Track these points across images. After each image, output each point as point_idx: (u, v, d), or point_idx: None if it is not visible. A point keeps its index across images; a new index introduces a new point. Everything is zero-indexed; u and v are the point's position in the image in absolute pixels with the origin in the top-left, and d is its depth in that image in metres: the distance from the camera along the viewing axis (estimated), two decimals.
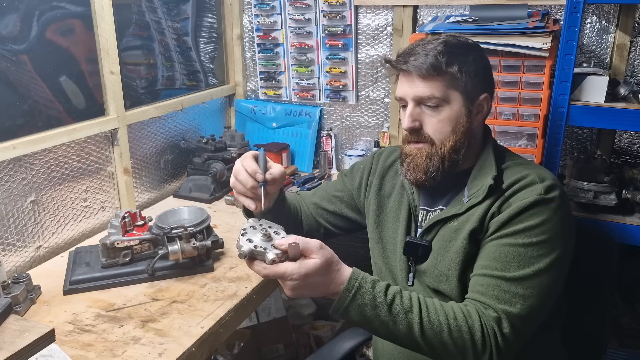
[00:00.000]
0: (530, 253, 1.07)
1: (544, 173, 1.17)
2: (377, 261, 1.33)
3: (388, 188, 1.35)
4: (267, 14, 2.30)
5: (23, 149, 1.52)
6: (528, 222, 1.08)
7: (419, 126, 1.16)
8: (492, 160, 1.19)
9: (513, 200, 1.11)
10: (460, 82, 1.14)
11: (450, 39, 1.17)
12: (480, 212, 1.13)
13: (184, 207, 1.61)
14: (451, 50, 1.14)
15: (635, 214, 1.59)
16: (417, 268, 1.22)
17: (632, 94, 1.57)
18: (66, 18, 1.66)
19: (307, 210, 1.46)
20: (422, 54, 1.13)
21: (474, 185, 1.18)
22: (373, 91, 2.24)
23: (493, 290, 1.05)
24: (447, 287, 1.16)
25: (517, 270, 1.06)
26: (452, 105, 1.14)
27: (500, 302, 1.04)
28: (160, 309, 1.31)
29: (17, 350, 1.01)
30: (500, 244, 1.09)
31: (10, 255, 1.53)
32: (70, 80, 1.69)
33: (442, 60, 1.12)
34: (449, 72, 1.12)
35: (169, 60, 2.12)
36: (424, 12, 2.06)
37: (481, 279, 1.08)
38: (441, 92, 1.13)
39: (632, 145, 1.89)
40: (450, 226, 1.18)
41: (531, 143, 1.65)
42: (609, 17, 1.82)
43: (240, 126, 2.47)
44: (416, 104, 1.16)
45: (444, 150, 1.16)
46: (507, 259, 1.07)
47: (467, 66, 1.14)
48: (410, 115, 1.16)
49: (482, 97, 1.17)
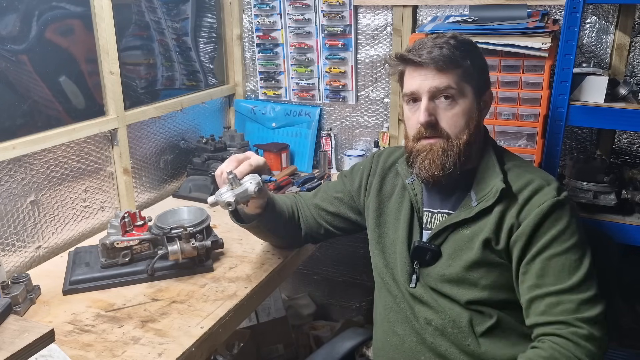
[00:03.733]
0: (572, 257, 1.09)
1: (545, 175, 1.19)
2: (377, 262, 1.33)
3: (388, 189, 1.35)
4: (266, 14, 2.30)
5: (23, 149, 1.52)
6: (556, 227, 1.09)
7: (435, 120, 1.15)
8: (494, 161, 1.19)
9: (529, 208, 1.11)
10: (473, 76, 1.15)
11: (457, 35, 1.19)
12: (493, 220, 1.13)
13: (184, 207, 1.61)
14: (462, 45, 1.16)
15: (635, 214, 1.59)
16: (421, 271, 1.22)
17: (631, 94, 1.57)
18: (66, 18, 1.66)
19: (307, 211, 1.47)
20: (437, 47, 1.13)
21: (480, 188, 1.17)
22: (373, 91, 2.24)
23: (557, 306, 1.07)
24: (452, 290, 1.17)
25: (570, 279, 1.07)
26: (466, 99, 1.15)
27: (570, 313, 1.05)
28: (160, 309, 1.31)
29: (17, 351, 1.01)
30: (542, 259, 1.09)
31: (9, 255, 1.53)
32: (69, 80, 1.69)
33: (457, 54, 1.13)
34: (463, 65, 1.14)
35: (168, 61, 2.12)
36: (423, 12, 2.06)
37: (541, 301, 1.08)
38: (457, 84, 1.14)
39: (631, 145, 1.89)
40: (462, 234, 1.17)
41: (531, 143, 1.65)
42: (609, 17, 1.83)
43: (240, 126, 2.47)
44: (430, 98, 1.15)
45: (460, 144, 1.15)
46: (555, 271, 1.08)
47: (476, 61, 1.17)
48: (426, 109, 1.14)
49: (487, 92, 1.21)
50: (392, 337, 1.26)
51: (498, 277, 1.15)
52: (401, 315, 1.24)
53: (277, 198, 1.46)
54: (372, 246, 1.35)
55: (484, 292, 1.15)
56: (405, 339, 1.23)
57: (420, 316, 1.20)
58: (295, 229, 1.47)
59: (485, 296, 1.15)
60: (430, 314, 1.19)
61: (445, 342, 1.18)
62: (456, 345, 1.17)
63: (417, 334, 1.21)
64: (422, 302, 1.21)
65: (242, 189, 1.22)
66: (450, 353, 1.17)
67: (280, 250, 1.58)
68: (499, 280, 1.15)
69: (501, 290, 1.16)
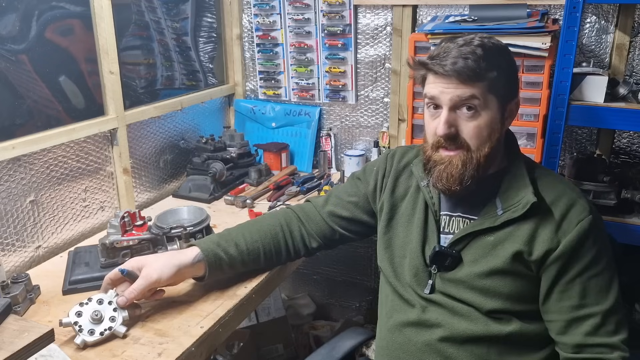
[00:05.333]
0: (607, 275, 1.11)
1: (572, 185, 1.19)
2: (384, 263, 1.30)
3: (401, 190, 1.31)
4: (266, 13, 2.30)
5: (22, 148, 1.51)
6: (596, 248, 1.10)
7: (455, 132, 1.12)
8: (524, 171, 1.17)
9: (568, 224, 1.11)
10: (499, 87, 1.11)
11: (486, 42, 1.12)
12: (526, 233, 1.12)
13: (184, 207, 1.62)
14: (490, 54, 1.10)
15: (635, 214, 1.59)
16: (438, 276, 1.20)
17: (631, 93, 1.57)
18: (65, 18, 1.66)
19: (320, 221, 1.41)
20: (462, 58, 1.08)
21: (508, 197, 1.15)
22: (372, 91, 2.24)
23: (601, 328, 1.09)
24: (473, 298, 1.16)
25: (608, 298, 1.10)
26: (490, 110, 1.11)
27: (612, 335, 1.09)
28: (160, 308, 1.31)
29: (17, 350, 1.01)
30: (583, 280, 1.10)
31: (9, 255, 1.53)
32: (69, 80, 1.69)
33: (483, 66, 1.08)
34: (488, 77, 1.09)
35: (168, 60, 2.12)
36: (423, 12, 2.06)
37: (585, 321, 1.10)
38: (481, 95, 1.09)
39: (631, 145, 1.89)
40: (486, 240, 1.15)
41: (530, 143, 1.65)
42: (609, 16, 1.83)
43: (240, 126, 2.47)
44: (452, 108, 1.11)
45: (480, 157, 1.12)
46: (595, 291, 1.10)
47: (503, 71, 1.12)
48: (446, 122, 1.10)
49: (513, 101, 1.16)
50: (398, 337, 1.23)
51: (521, 287, 1.14)
52: (410, 316, 1.22)
53: (243, 240, 1.36)
54: (381, 247, 1.32)
55: (507, 302, 1.14)
56: (412, 339, 1.21)
57: (432, 319, 1.18)
58: (281, 254, 1.41)
59: (507, 306, 1.14)
60: (443, 318, 1.18)
61: (454, 345, 1.16)
62: (465, 349, 1.16)
63: (426, 335, 1.19)
64: (437, 307, 1.19)
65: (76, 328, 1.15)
66: (457, 356, 1.16)
67: None
68: (522, 290, 1.14)
69: (522, 300, 1.15)
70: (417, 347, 1.20)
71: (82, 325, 1.14)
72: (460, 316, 1.16)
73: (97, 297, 1.18)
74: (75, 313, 1.15)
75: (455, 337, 1.16)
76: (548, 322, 1.15)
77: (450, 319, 1.17)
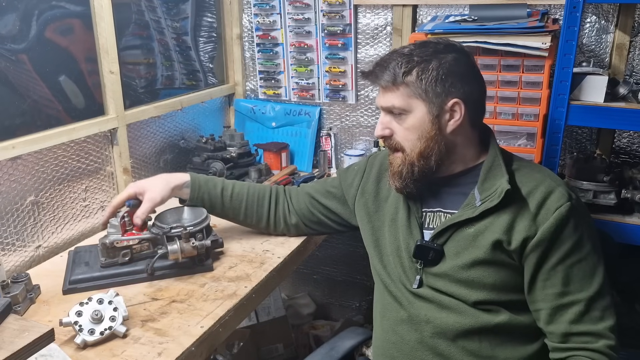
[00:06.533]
0: (591, 261, 1.11)
1: (553, 175, 1.19)
2: (375, 264, 1.33)
3: (385, 192, 1.35)
4: (266, 13, 2.30)
5: (22, 148, 1.51)
6: (577, 232, 1.10)
7: (389, 134, 1.21)
8: (500, 161, 1.19)
9: (545, 212, 1.11)
10: (420, 90, 1.14)
11: (419, 44, 1.19)
12: (504, 222, 1.13)
13: (184, 207, 1.61)
14: (412, 58, 1.14)
15: (635, 214, 1.59)
16: (425, 271, 1.22)
17: (631, 93, 1.57)
18: (65, 17, 1.66)
19: (301, 199, 1.54)
20: (383, 66, 1.16)
21: (485, 188, 1.17)
22: (372, 91, 2.24)
23: (585, 314, 1.10)
24: (459, 290, 1.17)
25: (592, 284, 1.10)
26: (415, 113, 1.16)
27: (598, 321, 1.09)
28: (160, 308, 1.31)
29: (17, 350, 1.01)
30: (566, 266, 1.11)
31: (9, 254, 1.53)
32: (69, 79, 1.69)
33: (399, 72, 1.14)
34: (406, 81, 1.14)
35: (168, 60, 2.12)
36: (423, 12, 2.06)
37: (569, 309, 1.11)
38: (401, 102, 1.16)
39: (631, 144, 1.89)
40: (466, 232, 1.17)
41: (530, 142, 1.65)
42: (609, 16, 1.83)
43: (240, 126, 2.47)
44: (386, 112, 1.20)
45: (413, 157, 1.18)
46: (579, 278, 1.10)
47: (428, 73, 1.13)
48: (380, 123, 1.22)
49: (450, 102, 1.15)
50: (391, 336, 1.26)
51: (505, 277, 1.15)
52: (401, 314, 1.24)
53: (237, 185, 1.57)
54: (370, 249, 1.35)
55: (492, 292, 1.15)
56: (405, 338, 1.23)
57: (421, 315, 1.20)
58: (262, 218, 1.57)
59: (493, 297, 1.15)
60: (432, 313, 1.19)
61: (446, 341, 1.18)
62: (457, 345, 1.17)
63: (417, 333, 1.21)
64: (425, 302, 1.21)
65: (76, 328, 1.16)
66: (449, 352, 1.17)
67: (280, 249, 1.58)
68: (506, 280, 1.16)
69: (508, 290, 1.16)
70: (410, 346, 1.22)
71: (82, 324, 1.14)
72: (448, 310, 1.18)
73: (97, 296, 1.18)
74: (76, 313, 1.15)
75: (445, 332, 1.17)
76: (535, 312, 1.16)
77: (438, 314, 1.19)
